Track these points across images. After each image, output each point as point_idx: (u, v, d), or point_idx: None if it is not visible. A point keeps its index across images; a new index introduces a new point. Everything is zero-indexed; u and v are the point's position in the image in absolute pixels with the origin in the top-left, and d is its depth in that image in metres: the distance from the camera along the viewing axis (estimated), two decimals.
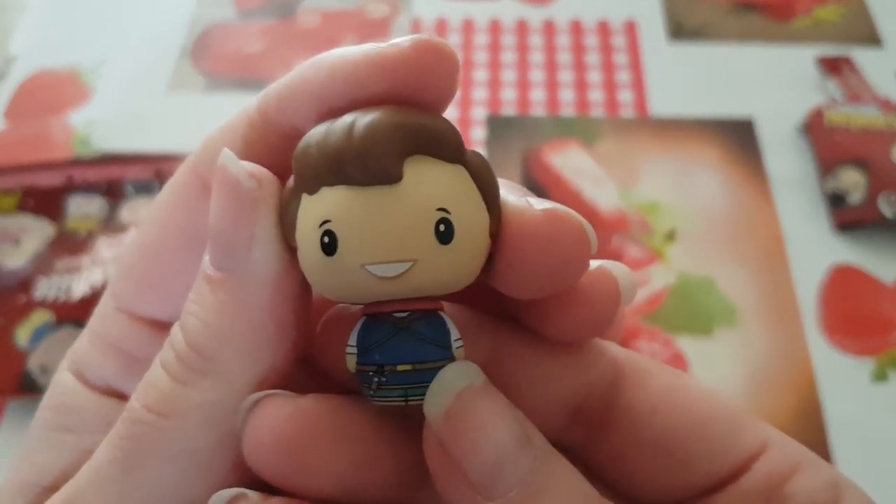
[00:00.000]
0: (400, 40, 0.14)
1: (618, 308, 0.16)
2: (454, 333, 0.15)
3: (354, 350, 0.15)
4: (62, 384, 0.19)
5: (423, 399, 0.14)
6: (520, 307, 0.16)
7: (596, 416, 0.17)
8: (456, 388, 0.14)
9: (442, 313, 0.15)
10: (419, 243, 0.13)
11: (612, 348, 0.17)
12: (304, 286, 0.15)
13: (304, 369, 0.17)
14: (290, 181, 0.15)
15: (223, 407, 0.15)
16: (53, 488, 0.17)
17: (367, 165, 0.13)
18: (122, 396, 0.18)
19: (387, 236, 0.13)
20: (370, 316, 0.15)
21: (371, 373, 0.14)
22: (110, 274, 0.19)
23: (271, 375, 0.15)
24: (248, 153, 0.16)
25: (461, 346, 0.15)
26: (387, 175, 0.13)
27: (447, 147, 0.14)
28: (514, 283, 0.15)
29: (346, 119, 0.14)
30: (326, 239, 0.14)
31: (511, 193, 0.15)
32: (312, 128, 0.15)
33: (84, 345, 0.19)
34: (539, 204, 0.15)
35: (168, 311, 0.18)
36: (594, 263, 0.16)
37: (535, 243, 0.14)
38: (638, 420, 0.17)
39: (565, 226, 0.14)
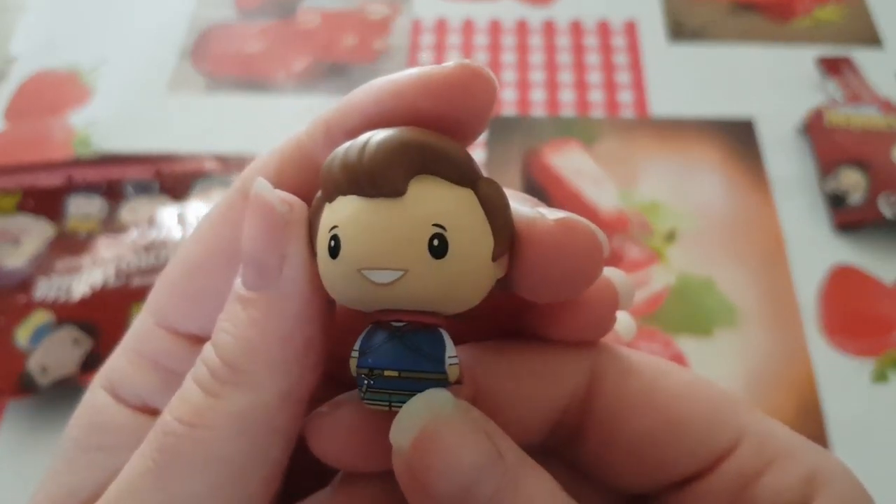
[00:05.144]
0: (448, 64, 0.15)
1: (616, 311, 0.17)
2: (450, 350, 0.15)
3: (356, 354, 0.15)
4: (94, 403, 0.19)
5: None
6: (527, 314, 0.17)
7: (573, 422, 0.17)
8: (421, 419, 0.14)
9: (441, 330, 0.15)
10: (411, 255, 0.14)
11: (589, 349, 0.18)
12: (329, 302, 0.16)
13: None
14: (318, 193, 0.16)
15: (253, 417, 0.15)
16: None
17: (373, 178, 0.14)
18: (156, 413, 0.18)
19: (382, 244, 0.14)
20: (375, 323, 0.15)
21: (363, 375, 0.15)
22: (151, 291, 0.19)
23: (299, 387, 0.16)
24: (296, 176, 0.17)
25: (455, 364, 0.15)
26: (391, 189, 0.14)
27: (456, 170, 0.15)
28: (531, 289, 0.16)
29: (364, 136, 0.15)
30: (332, 243, 0.15)
31: (523, 205, 0.16)
32: None
33: (119, 362, 0.19)
34: (551, 214, 0.15)
35: (208, 325, 0.18)
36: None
37: (549, 252, 0.15)
38: (612, 425, 0.17)
39: (578, 234, 0.15)
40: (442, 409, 0.14)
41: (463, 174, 0.15)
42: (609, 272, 0.17)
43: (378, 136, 0.14)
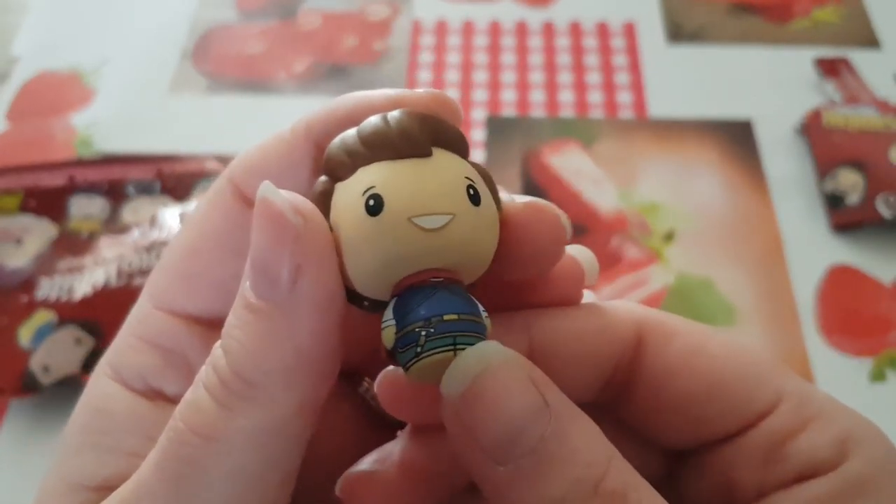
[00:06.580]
0: (419, 90, 0.17)
1: (582, 286, 0.18)
2: (480, 304, 0.16)
3: (392, 322, 0.16)
4: (100, 389, 0.19)
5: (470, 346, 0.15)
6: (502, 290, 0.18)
7: (621, 381, 0.18)
8: (473, 371, 0.15)
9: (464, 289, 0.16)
10: (456, 201, 0.15)
11: (635, 311, 0.19)
12: (345, 307, 0.16)
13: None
14: (320, 179, 0.16)
15: (269, 431, 0.15)
16: (101, 489, 0.17)
17: (407, 139, 0.16)
18: (160, 397, 0.19)
19: (429, 193, 0.15)
20: (405, 290, 0.16)
21: (418, 328, 0.15)
22: (149, 275, 0.21)
23: (314, 398, 0.16)
24: (280, 167, 0.18)
25: (488, 317, 0.16)
26: (421, 149, 0.16)
27: (458, 145, 0.17)
28: (505, 266, 0.17)
29: (374, 115, 0.16)
30: (372, 202, 0.15)
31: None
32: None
33: (120, 347, 0.20)
34: (520, 199, 0.17)
35: (203, 306, 0.19)
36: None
37: (519, 230, 0.17)
38: (656, 384, 0.18)
39: (543, 215, 0.17)
40: (493, 359, 0.15)
41: (463, 150, 0.17)
42: (574, 250, 0.18)
43: (395, 111, 0.16)
